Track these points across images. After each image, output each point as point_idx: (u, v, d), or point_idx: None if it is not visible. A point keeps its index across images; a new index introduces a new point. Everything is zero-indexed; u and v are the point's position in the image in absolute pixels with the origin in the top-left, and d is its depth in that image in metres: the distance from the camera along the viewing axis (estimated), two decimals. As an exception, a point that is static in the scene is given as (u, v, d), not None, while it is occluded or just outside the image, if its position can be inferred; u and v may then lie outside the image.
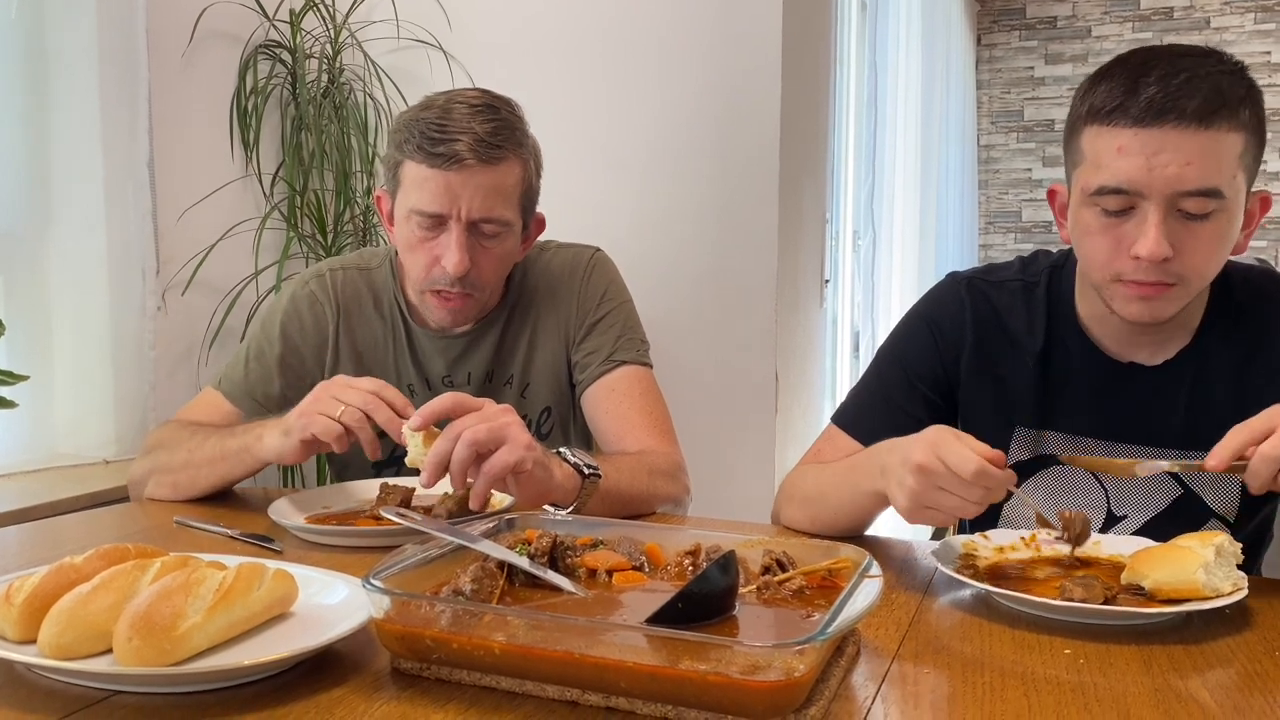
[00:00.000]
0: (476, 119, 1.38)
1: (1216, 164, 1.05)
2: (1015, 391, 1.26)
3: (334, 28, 2.45)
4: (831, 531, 1.23)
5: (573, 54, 2.36)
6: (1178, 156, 1.05)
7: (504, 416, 1.14)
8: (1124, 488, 1.24)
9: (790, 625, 0.83)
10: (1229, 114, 1.05)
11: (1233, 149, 1.06)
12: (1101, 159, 1.09)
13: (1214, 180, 1.06)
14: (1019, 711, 0.76)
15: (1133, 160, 1.06)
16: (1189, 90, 1.04)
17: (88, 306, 2.00)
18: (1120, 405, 1.22)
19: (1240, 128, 1.06)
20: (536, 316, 1.56)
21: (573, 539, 0.96)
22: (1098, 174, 1.09)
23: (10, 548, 1.26)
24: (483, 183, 1.38)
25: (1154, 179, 1.06)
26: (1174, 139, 1.04)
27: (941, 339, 1.29)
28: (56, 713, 0.73)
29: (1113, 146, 1.08)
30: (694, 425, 1.60)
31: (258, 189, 2.39)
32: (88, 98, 1.96)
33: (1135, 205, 1.08)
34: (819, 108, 2.63)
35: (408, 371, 1.55)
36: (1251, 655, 0.88)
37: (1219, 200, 1.07)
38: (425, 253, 1.42)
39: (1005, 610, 0.98)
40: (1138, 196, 1.07)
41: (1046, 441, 1.27)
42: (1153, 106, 1.05)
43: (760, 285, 2.27)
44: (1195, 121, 1.04)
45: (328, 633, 0.81)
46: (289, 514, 1.26)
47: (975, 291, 1.29)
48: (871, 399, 1.33)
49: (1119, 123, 1.07)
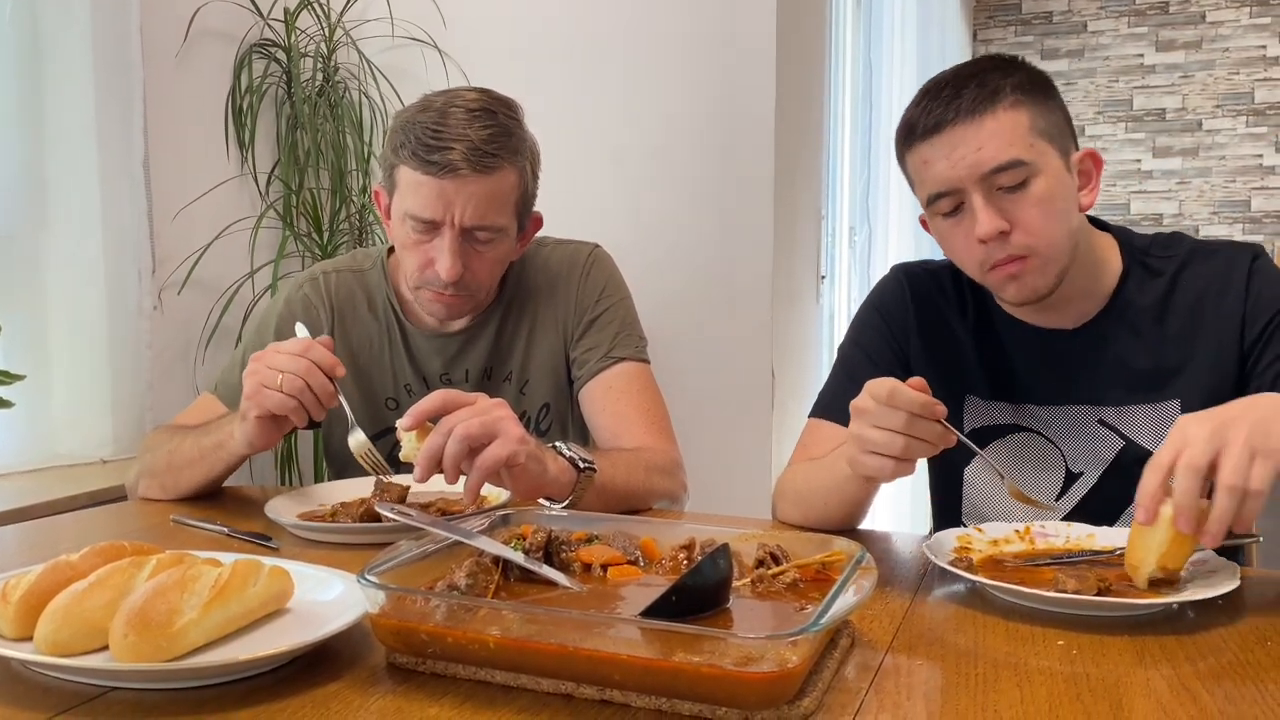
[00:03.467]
0: (473, 125, 1.37)
1: (1009, 140, 1.16)
2: (959, 365, 1.35)
3: (329, 26, 2.45)
4: (826, 525, 1.23)
5: (566, 51, 2.36)
6: (969, 147, 1.16)
7: (497, 410, 1.14)
8: (1078, 447, 1.30)
9: (784, 617, 0.83)
10: (998, 96, 1.16)
11: (1019, 123, 1.17)
12: (916, 175, 1.23)
13: (1010, 153, 1.16)
14: (1012, 702, 0.76)
15: (937, 166, 1.19)
16: (953, 91, 1.18)
17: (84, 306, 2.00)
18: (1052, 370, 1.30)
19: (1018, 105, 1.17)
20: (535, 312, 1.56)
21: (568, 534, 0.97)
22: (924, 188, 1.23)
23: (8, 547, 1.27)
24: (476, 191, 1.37)
25: (957, 171, 1.17)
26: (959, 135, 1.17)
27: (891, 322, 1.38)
28: (53, 709, 0.73)
29: (919, 162, 1.21)
30: (690, 421, 1.61)
31: (253, 188, 2.39)
32: (82, 97, 1.96)
33: (963, 201, 1.19)
34: (814, 103, 2.64)
35: (404, 371, 1.55)
36: (1243, 645, 0.88)
37: (1026, 168, 1.16)
38: (420, 254, 1.42)
39: (999, 602, 0.98)
40: (959, 193, 1.19)
41: (996, 410, 1.34)
42: (930, 117, 1.19)
43: (756, 281, 2.27)
44: (969, 115, 1.16)
45: (323, 628, 0.82)
46: (285, 512, 1.26)
47: (913, 277, 1.40)
48: (840, 384, 1.37)
49: (915, 144, 1.21)
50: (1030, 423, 1.33)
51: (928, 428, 1.03)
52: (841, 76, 3.44)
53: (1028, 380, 1.32)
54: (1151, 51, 5.99)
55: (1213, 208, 5.92)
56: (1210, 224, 5.91)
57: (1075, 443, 1.30)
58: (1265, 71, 5.81)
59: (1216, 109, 5.89)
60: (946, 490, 1.40)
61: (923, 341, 1.37)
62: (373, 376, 1.55)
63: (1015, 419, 1.34)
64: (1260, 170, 5.85)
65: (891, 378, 1.04)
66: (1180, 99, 5.94)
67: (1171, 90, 5.96)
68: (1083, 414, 1.30)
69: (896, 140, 1.26)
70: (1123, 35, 6.05)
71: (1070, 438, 1.31)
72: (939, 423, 1.04)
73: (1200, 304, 1.26)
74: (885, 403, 1.02)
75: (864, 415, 1.05)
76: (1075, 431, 1.30)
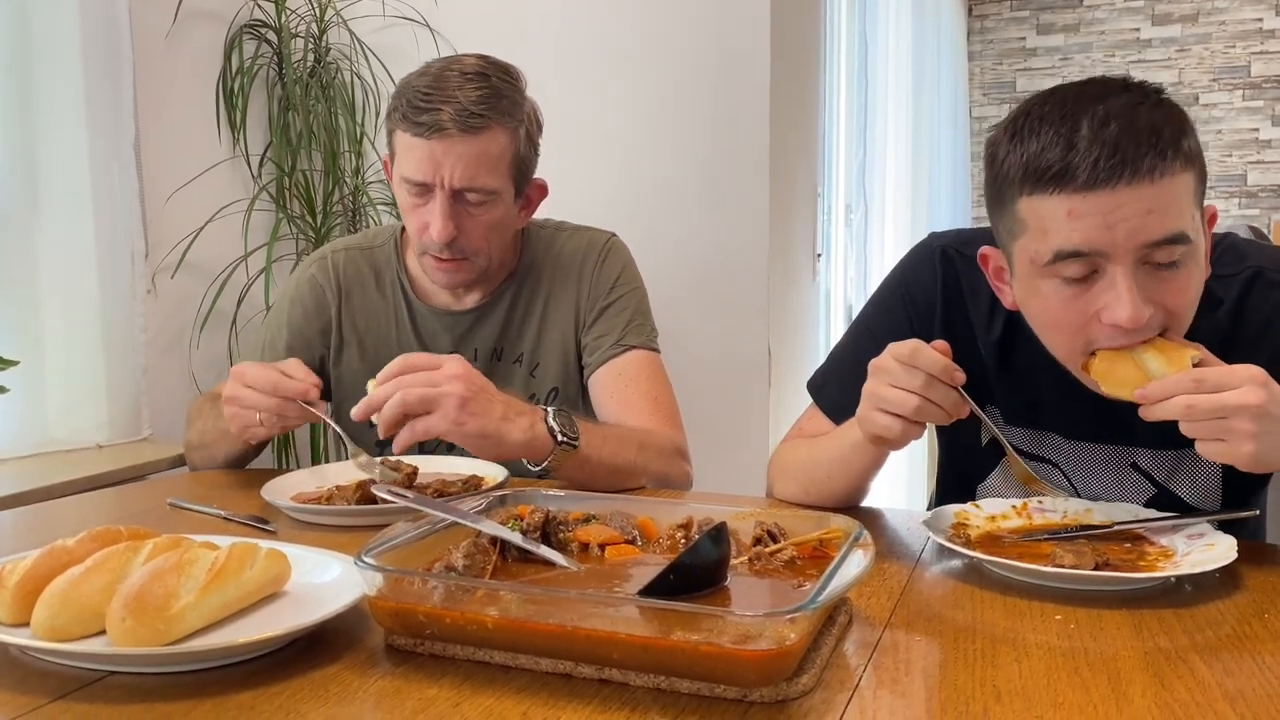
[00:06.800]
0: (466, 87, 1.38)
1: (1176, 209, 0.98)
2: (976, 379, 1.15)
3: (319, 6, 2.43)
4: (827, 501, 1.23)
5: (560, 30, 2.34)
6: (1136, 209, 0.96)
7: (449, 385, 1.17)
8: (1095, 487, 1.21)
9: (781, 595, 0.83)
10: (1174, 155, 0.97)
11: (1186, 188, 0.99)
12: (1049, 225, 1.00)
13: (1176, 225, 0.98)
14: (1009, 677, 0.76)
15: (1088, 222, 0.97)
16: (1129, 142, 0.96)
17: (77, 291, 1.99)
18: (1084, 405, 1.14)
19: (1188, 165, 0.99)
20: (548, 297, 1.56)
21: (565, 514, 0.97)
22: (1047, 240, 1.00)
23: (5, 532, 1.26)
24: (464, 152, 1.38)
25: (1116, 235, 0.97)
26: (1127, 195, 0.96)
27: (915, 314, 1.26)
28: (51, 694, 0.73)
29: (1060, 212, 0.98)
30: (687, 400, 1.60)
31: (245, 170, 2.38)
32: (71, 80, 1.95)
33: (1098, 268, 1.00)
34: (809, 80, 2.62)
35: (411, 348, 1.55)
36: (1241, 618, 0.88)
37: (1187, 247, 0.99)
38: (417, 218, 1.44)
39: (996, 578, 0.98)
40: (1100, 258, 0.99)
41: (1015, 435, 1.23)
42: (1098, 169, 0.96)
43: (752, 260, 2.26)
44: (1147, 176, 0.96)
45: (321, 610, 0.82)
46: (281, 494, 1.26)
47: (947, 262, 1.25)
48: (844, 370, 1.28)
49: (1064, 190, 0.97)
50: (1052, 455, 1.23)
51: (944, 393, 1.02)
52: (837, 52, 3.42)
53: (1053, 411, 1.20)
54: (1147, 25, 5.97)
55: (1209, 182, 5.88)
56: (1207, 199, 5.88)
57: (1099, 485, 1.21)
58: (1262, 44, 5.79)
59: (1213, 83, 5.87)
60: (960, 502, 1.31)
61: (944, 335, 1.17)
62: (379, 353, 1.55)
63: (1035, 448, 1.23)
64: (1257, 144, 5.83)
65: (915, 339, 1.02)
66: (1177, 73, 5.92)
67: (1168, 64, 5.94)
68: (1114, 455, 1.19)
69: (1020, 175, 1.01)
70: (1119, 9, 6.02)
71: (1094, 478, 1.21)
72: (955, 390, 1.02)
73: (1263, 337, 1.11)
74: (906, 362, 1.01)
75: (881, 373, 1.03)
76: (1101, 473, 1.20)
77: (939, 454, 1.39)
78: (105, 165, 1.99)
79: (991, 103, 6.42)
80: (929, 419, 1.04)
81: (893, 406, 1.03)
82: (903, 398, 1.02)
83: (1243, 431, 0.91)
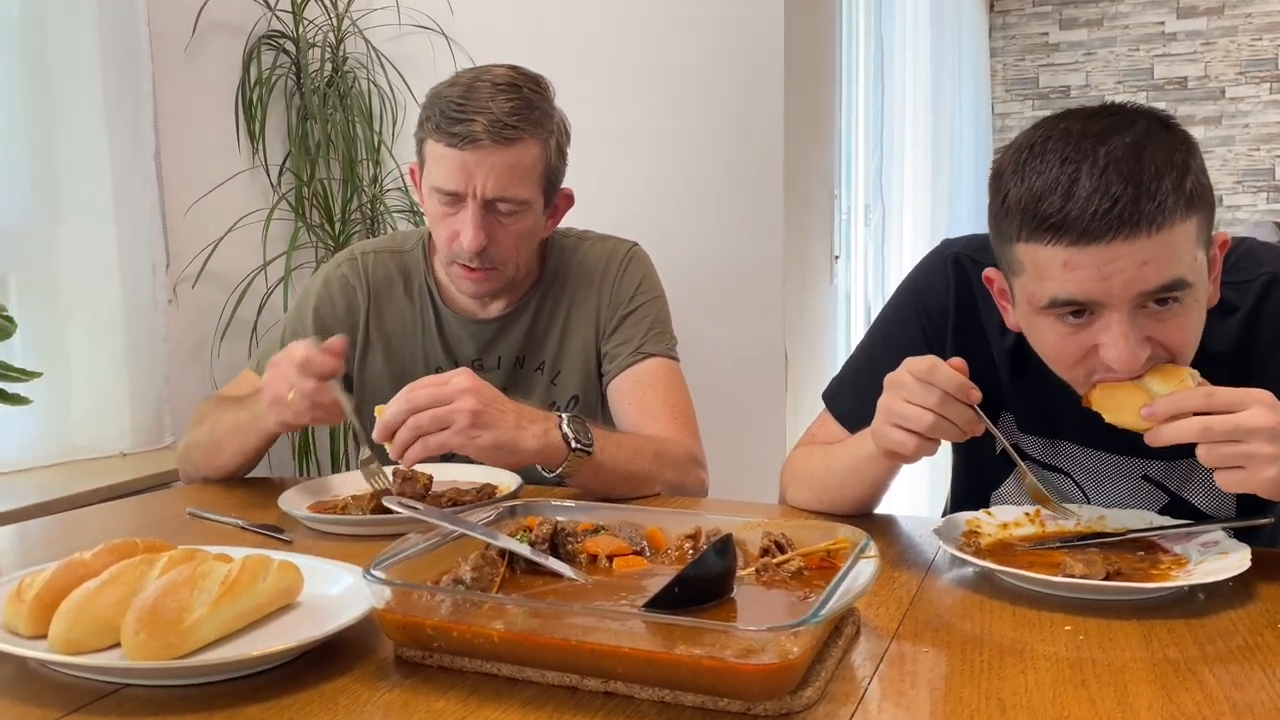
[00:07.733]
0: (498, 98, 1.39)
1: (1174, 258, 0.96)
2: (989, 388, 1.13)
3: (336, 16, 2.45)
4: (840, 508, 1.23)
5: (575, 35, 2.35)
6: (1132, 262, 0.94)
7: (460, 400, 1.17)
8: (1108, 497, 1.19)
9: (787, 607, 0.83)
10: (1175, 203, 0.94)
11: (1187, 236, 0.96)
12: (1045, 272, 0.99)
13: (1173, 273, 0.96)
14: (1016, 689, 0.76)
15: (1083, 273, 0.96)
16: (1129, 195, 0.93)
17: (99, 301, 2.02)
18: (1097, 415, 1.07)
19: (1190, 210, 0.96)
20: (570, 305, 1.57)
21: (574, 525, 0.97)
22: (1044, 286, 1.00)
23: (32, 542, 1.29)
24: (497, 163, 1.39)
25: (1111, 286, 0.96)
26: (1123, 249, 0.94)
27: (929, 322, 1.25)
28: (67, 706, 0.75)
29: (1056, 262, 0.97)
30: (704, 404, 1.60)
31: (264, 180, 2.40)
32: (91, 92, 1.98)
33: (1094, 310, 0.99)
34: (825, 81, 2.61)
35: (436, 354, 1.57)
36: (1253, 628, 0.87)
37: (1187, 289, 0.97)
38: (446, 227, 1.45)
39: (1006, 587, 0.98)
40: (1095, 304, 0.98)
41: (1028, 443, 1.24)
42: (1094, 222, 0.93)
43: (767, 262, 2.26)
44: (1145, 230, 0.93)
45: (332, 622, 0.83)
46: (298, 504, 1.27)
47: (960, 269, 1.24)
48: (859, 379, 1.29)
49: (1060, 242, 0.96)
50: (1066, 464, 1.22)
51: (959, 410, 1.01)
52: (855, 53, 3.40)
53: (1065, 419, 1.19)
54: (1172, 19, 5.90)
55: (1236, 176, 5.83)
56: (1234, 193, 5.83)
57: (1113, 494, 1.20)
58: (1281, 17, 5.70)
59: (1239, 76, 5.79)
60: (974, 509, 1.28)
61: (955, 343, 1.23)
62: (405, 358, 1.56)
63: (1049, 457, 1.23)
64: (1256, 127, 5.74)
65: (932, 355, 1.02)
66: (1203, 66, 5.85)
67: (1193, 58, 5.87)
68: (1127, 466, 1.18)
69: (1015, 214, 1.00)
70: (1143, 2, 5.95)
71: (1108, 487, 1.20)
72: (971, 408, 1.02)
73: (1279, 343, 1.10)
74: (922, 378, 1.01)
75: (897, 388, 1.03)
76: (1114, 484, 1.20)
77: (953, 460, 1.38)
78: (126, 177, 2.02)
79: (1014, 99, 6.37)
80: (943, 436, 1.04)
81: (908, 423, 1.03)
82: (918, 414, 1.01)
83: (1264, 455, 0.90)
